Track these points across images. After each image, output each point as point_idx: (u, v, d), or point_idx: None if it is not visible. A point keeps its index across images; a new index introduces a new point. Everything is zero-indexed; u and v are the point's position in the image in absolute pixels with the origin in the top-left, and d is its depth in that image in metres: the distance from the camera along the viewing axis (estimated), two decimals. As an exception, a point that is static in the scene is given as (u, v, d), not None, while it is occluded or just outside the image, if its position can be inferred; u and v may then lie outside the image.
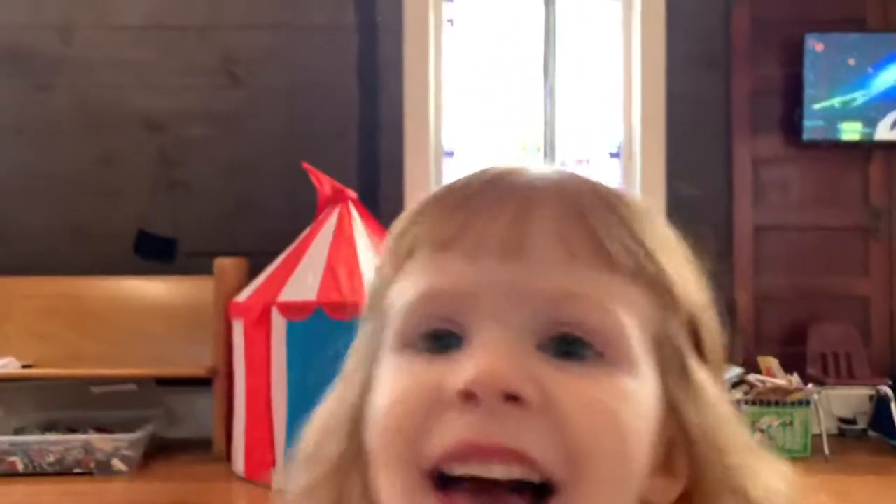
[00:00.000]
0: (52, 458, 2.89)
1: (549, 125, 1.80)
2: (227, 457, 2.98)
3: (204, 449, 3.13)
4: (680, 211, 3.83)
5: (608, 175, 3.74)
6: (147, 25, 3.54)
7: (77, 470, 2.88)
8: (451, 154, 3.75)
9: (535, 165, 0.44)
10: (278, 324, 2.70)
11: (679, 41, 3.62)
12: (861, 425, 3.49)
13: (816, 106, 3.50)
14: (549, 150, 1.74)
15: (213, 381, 3.10)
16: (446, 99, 3.72)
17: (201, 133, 3.53)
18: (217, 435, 3.08)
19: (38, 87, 3.52)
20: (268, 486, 2.71)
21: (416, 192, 3.61)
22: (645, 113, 3.63)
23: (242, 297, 2.93)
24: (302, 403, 2.75)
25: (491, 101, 3.75)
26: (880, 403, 3.36)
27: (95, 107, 3.52)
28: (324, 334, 2.67)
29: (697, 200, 3.62)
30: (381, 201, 3.59)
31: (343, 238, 2.96)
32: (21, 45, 3.52)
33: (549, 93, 1.80)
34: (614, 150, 3.75)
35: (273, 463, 2.71)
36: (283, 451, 2.69)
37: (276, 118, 3.53)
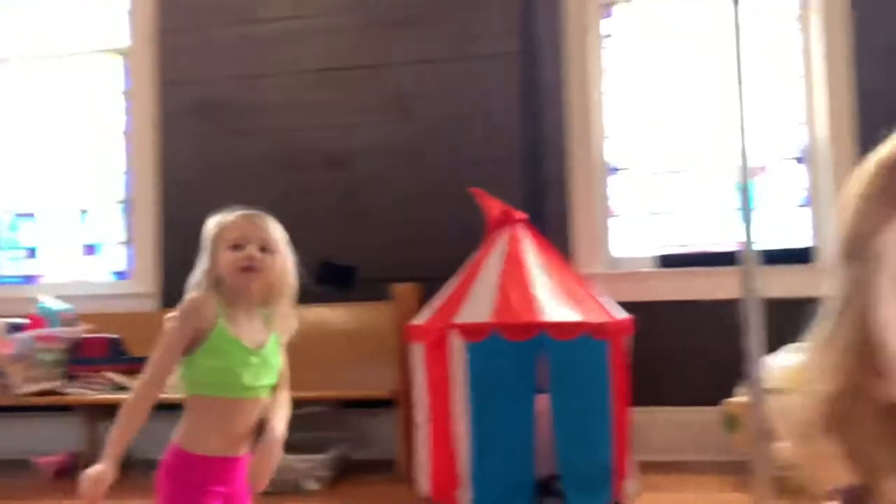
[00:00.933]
0: (250, 477, 3.08)
1: (742, 133, 1.70)
2: (408, 477, 3.05)
3: (386, 470, 3.22)
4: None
5: (793, 181, 3.50)
6: (325, 68, 3.78)
7: (270, 490, 3.05)
8: (615, 171, 3.68)
9: None
10: (457, 345, 2.74)
11: (869, 31, 3.34)
12: None
13: None
14: (744, 158, 1.64)
15: (394, 403, 3.19)
16: (608, 115, 3.66)
17: (378, 166, 3.70)
18: (400, 456, 3.16)
19: (232, 131, 3.85)
20: (453, 507, 2.74)
21: (582, 210, 3.56)
22: (832, 115, 3.37)
23: (420, 320, 3.00)
24: (482, 425, 2.77)
25: (654, 113, 3.64)
26: None
27: (281, 147, 3.80)
28: (500, 355, 2.69)
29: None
30: (547, 221, 3.58)
31: (513, 259, 2.96)
32: (216, 95, 3.88)
33: (740, 99, 1.70)
34: (798, 155, 3.50)
35: (457, 483, 2.73)
36: (467, 471, 2.71)
37: (445, 147, 3.64)
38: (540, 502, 2.70)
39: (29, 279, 4.13)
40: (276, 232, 1.55)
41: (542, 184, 3.62)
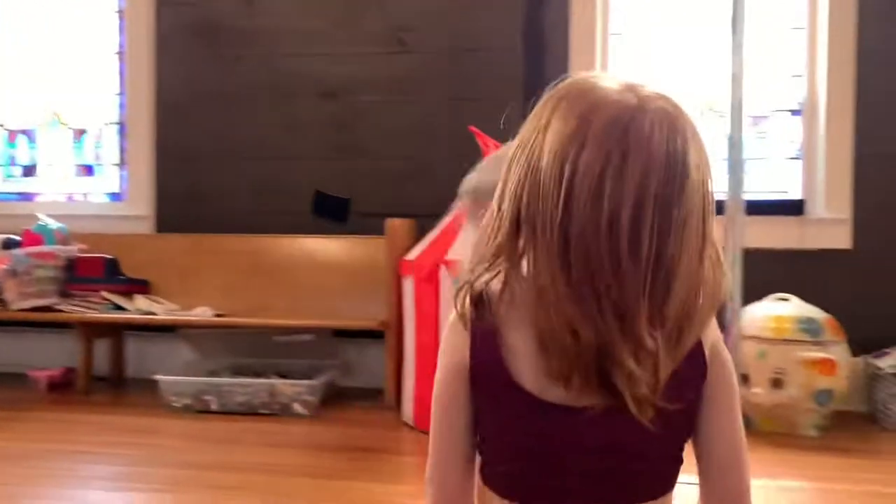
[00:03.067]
0: (240, 399, 3.18)
1: (737, 82, 1.71)
2: (397, 405, 3.15)
3: (375, 398, 3.32)
4: (870, 171, 3.58)
5: (788, 133, 3.51)
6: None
7: (262, 411, 3.15)
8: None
9: None
10: (446, 281, 2.80)
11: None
12: None
13: None
14: (737, 109, 1.67)
15: (384, 335, 3.26)
16: (612, 60, 3.63)
17: (373, 99, 3.68)
18: (388, 385, 3.25)
19: (227, 57, 3.81)
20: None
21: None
22: (832, 67, 3.36)
23: (412, 255, 3.05)
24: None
25: (660, 60, 3.62)
26: None
27: (276, 75, 3.76)
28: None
29: (890, 160, 3.34)
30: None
31: (508, 199, 2.99)
32: (212, 17, 3.82)
33: (738, 49, 1.71)
34: (796, 108, 3.51)
35: (440, 414, 2.82)
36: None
37: (443, 82, 3.61)
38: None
39: (25, 196, 4.13)
40: None
41: (539, 125, 3.62)
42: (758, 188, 3.54)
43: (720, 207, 1.74)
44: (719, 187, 1.69)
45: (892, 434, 2.97)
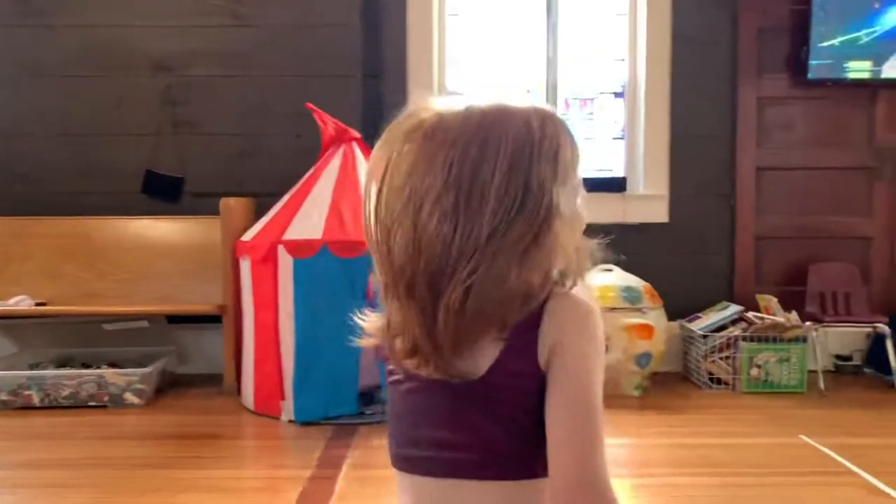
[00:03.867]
0: (66, 392, 2.99)
1: (552, 64, 1.80)
2: (238, 391, 3.08)
3: (214, 384, 3.23)
4: (685, 150, 3.86)
5: (613, 114, 3.73)
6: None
7: (91, 403, 2.98)
8: (455, 95, 3.74)
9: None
10: (285, 262, 2.75)
11: (686, -22, 3.58)
12: (856, 362, 3.56)
13: (823, 44, 3.46)
14: (552, 90, 1.76)
15: (222, 319, 3.17)
16: (450, 39, 3.70)
17: (207, 73, 3.53)
18: (227, 370, 3.17)
19: (46, 26, 3.51)
20: (276, 418, 2.81)
21: (420, 133, 3.62)
22: (650, 52, 3.60)
23: (249, 236, 2.98)
24: (308, 338, 2.84)
25: (494, 40, 3.72)
26: (877, 341, 3.41)
27: (101, 46, 3.52)
28: (329, 272, 2.73)
29: (703, 140, 3.63)
30: (385, 142, 3.61)
31: (347, 178, 2.98)
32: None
33: (552, 30, 1.80)
34: (619, 90, 3.73)
35: (282, 396, 2.79)
36: (292, 384, 2.77)
37: (279, 58, 3.52)
38: (363, 410, 2.83)
39: None
40: None
41: (380, 104, 3.62)
42: (586, 166, 3.76)
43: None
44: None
45: (701, 391, 3.27)
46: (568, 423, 0.73)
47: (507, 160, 0.73)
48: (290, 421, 2.78)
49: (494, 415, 0.74)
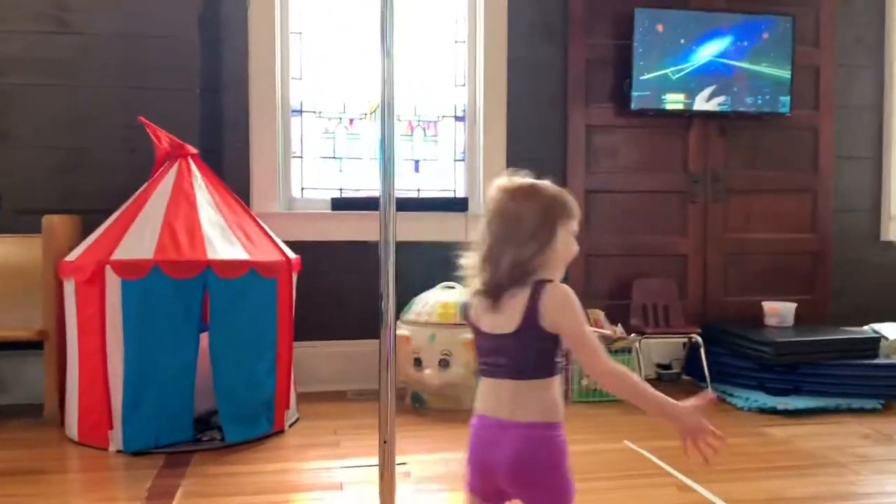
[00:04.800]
0: None
1: (388, 85, 1.85)
2: (61, 422, 2.88)
3: (34, 415, 3.00)
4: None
5: (454, 137, 3.86)
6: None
7: None
8: (298, 112, 3.73)
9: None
10: (112, 283, 2.62)
11: (521, 8, 3.77)
12: (676, 370, 3.87)
13: (644, 77, 3.76)
14: (389, 111, 1.81)
15: (43, 345, 2.96)
16: (294, 55, 3.68)
17: (26, 82, 3.30)
18: (48, 399, 2.95)
19: None
20: (104, 448, 2.65)
21: (262, 149, 3.57)
22: (488, 79, 3.76)
23: (73, 255, 2.81)
24: (138, 364, 2.71)
25: (340, 59, 3.75)
26: (692, 350, 3.73)
27: None
28: (162, 292, 2.63)
29: (537, 164, 3.82)
30: (224, 158, 3.53)
31: (182, 195, 2.89)
32: None
33: (387, 54, 1.85)
34: (460, 114, 3.86)
35: (110, 425, 2.64)
36: (120, 413, 2.63)
37: (111, 68, 3.36)
38: (198, 437, 2.73)
39: None
40: None
41: (220, 118, 3.54)
42: (430, 187, 3.86)
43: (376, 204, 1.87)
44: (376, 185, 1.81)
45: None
46: (577, 350, 1.28)
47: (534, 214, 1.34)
48: (119, 451, 2.63)
49: (519, 349, 1.29)
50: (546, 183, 1.37)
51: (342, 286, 3.60)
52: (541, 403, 1.29)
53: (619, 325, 3.57)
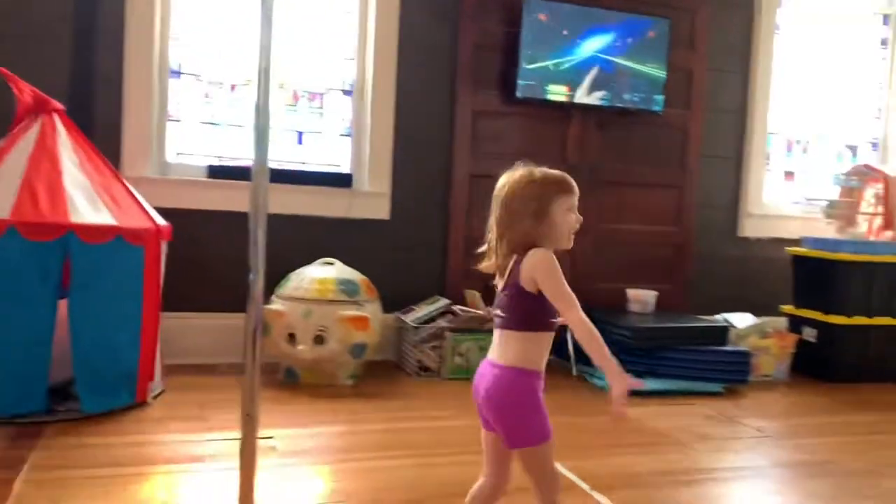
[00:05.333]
0: None
1: (265, 53, 1.81)
2: None
3: None
4: (408, 154, 4.06)
5: (341, 111, 3.82)
6: None
7: None
8: (177, 74, 3.58)
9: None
10: None
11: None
12: (545, 351, 4.02)
13: (529, 66, 3.86)
14: (265, 78, 1.77)
15: None
16: (175, 13, 3.52)
17: None
18: None
19: None
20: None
21: (136, 110, 3.41)
22: (378, 53, 3.75)
23: (-84, 211, 2.59)
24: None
25: (225, 22, 3.62)
26: (561, 332, 3.88)
27: None
28: (18, 255, 2.48)
29: (424, 145, 3.86)
30: (95, 117, 3.35)
31: (45, 152, 2.73)
32: None
33: (266, 21, 1.81)
34: (347, 88, 3.83)
35: (-48, 394, 2.48)
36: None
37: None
38: (54, 408, 2.61)
39: None
40: None
41: (92, 74, 3.35)
42: (314, 160, 3.81)
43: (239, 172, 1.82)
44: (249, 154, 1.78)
45: (411, 379, 3.49)
46: (555, 302, 1.48)
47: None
48: (-36, 422, 2.47)
49: (506, 304, 1.53)
50: (543, 169, 1.59)
51: (216, 257, 3.50)
52: (517, 352, 1.52)
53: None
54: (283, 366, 3.33)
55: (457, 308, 3.61)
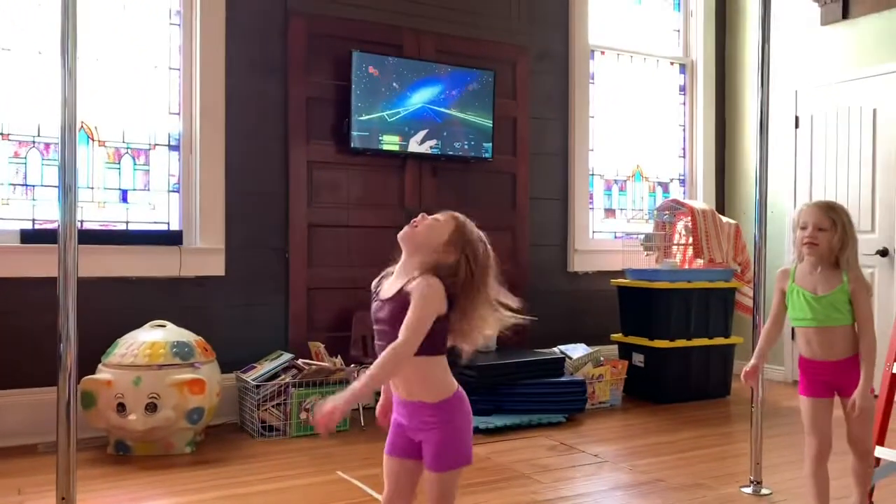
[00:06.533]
0: None
1: (69, 107, 1.74)
2: None
3: None
4: (242, 208, 3.97)
5: (168, 166, 3.69)
6: None
7: None
8: (-18, 133, 3.32)
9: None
10: None
11: (239, 43, 3.75)
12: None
13: (362, 118, 3.93)
14: (70, 135, 1.69)
15: None
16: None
17: None
18: None
19: None
20: None
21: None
22: (204, 109, 3.67)
23: None
24: None
25: (36, 77, 3.42)
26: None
27: None
28: None
29: (259, 197, 3.80)
30: None
31: None
32: None
33: (69, 74, 1.74)
34: (174, 143, 3.71)
35: None
36: None
37: None
38: None
39: None
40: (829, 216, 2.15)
41: None
42: (140, 219, 3.64)
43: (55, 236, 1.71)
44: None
45: (254, 440, 3.36)
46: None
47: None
48: None
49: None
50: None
51: (31, 328, 3.24)
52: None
53: (339, 356, 3.64)
54: (113, 438, 3.11)
55: (300, 361, 3.54)
